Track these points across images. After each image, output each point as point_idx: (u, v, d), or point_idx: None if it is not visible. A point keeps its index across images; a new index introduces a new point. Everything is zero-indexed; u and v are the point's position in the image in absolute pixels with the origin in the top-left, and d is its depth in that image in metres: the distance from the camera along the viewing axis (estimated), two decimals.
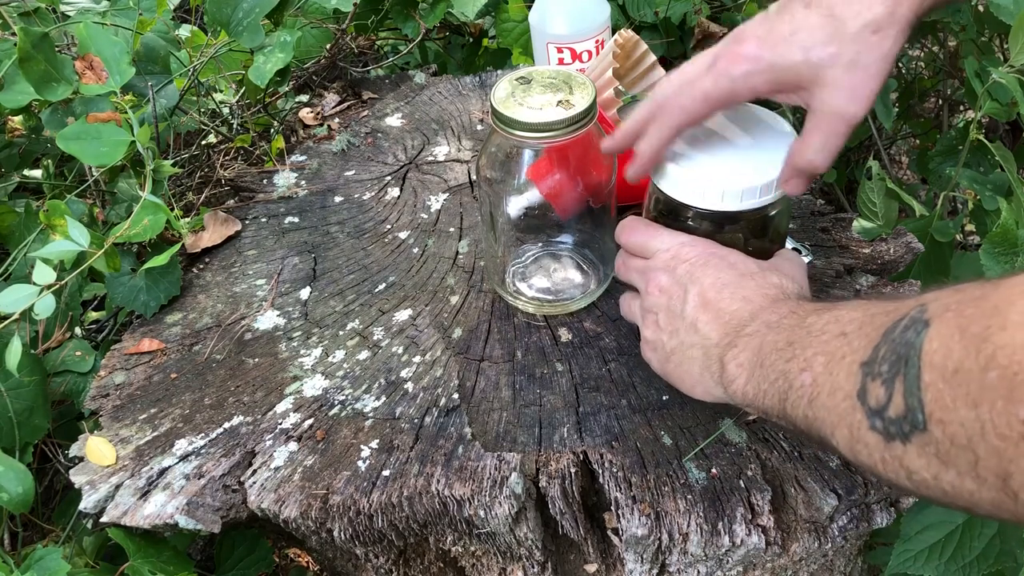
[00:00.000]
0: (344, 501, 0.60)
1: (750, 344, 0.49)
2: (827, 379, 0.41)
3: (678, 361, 0.56)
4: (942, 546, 0.67)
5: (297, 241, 0.87)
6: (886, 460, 0.37)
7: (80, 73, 0.83)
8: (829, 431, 0.41)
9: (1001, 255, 0.80)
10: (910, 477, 0.36)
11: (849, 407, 0.39)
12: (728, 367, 0.51)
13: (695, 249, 0.57)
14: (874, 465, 0.38)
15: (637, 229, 0.61)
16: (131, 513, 0.62)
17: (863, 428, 0.38)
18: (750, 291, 0.53)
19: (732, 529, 0.58)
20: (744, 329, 0.51)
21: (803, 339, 0.44)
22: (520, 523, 0.60)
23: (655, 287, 0.58)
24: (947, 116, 1.49)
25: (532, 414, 0.66)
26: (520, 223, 0.74)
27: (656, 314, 0.58)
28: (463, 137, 1.01)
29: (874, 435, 0.37)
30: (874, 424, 0.37)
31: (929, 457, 0.34)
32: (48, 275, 0.70)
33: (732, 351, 0.51)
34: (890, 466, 0.37)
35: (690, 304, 0.55)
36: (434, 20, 1.18)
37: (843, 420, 0.39)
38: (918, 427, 0.34)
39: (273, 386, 0.71)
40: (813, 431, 0.43)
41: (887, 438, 0.36)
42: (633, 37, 0.82)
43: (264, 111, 1.11)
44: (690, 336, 0.54)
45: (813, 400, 0.42)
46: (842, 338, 0.41)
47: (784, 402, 0.45)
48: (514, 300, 0.75)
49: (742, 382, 0.49)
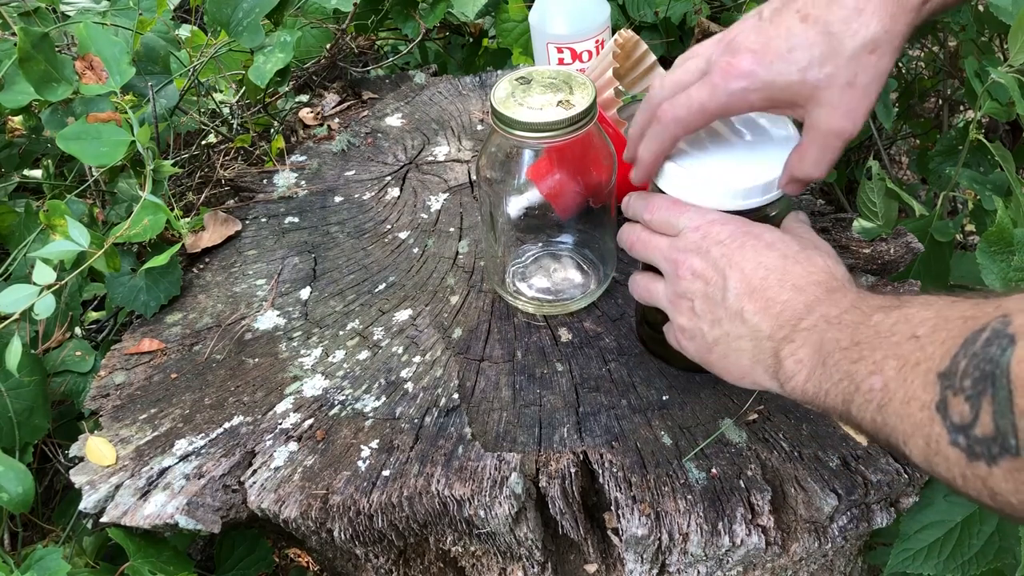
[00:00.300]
0: (344, 501, 0.60)
1: (809, 340, 0.47)
2: (900, 386, 0.39)
3: (723, 352, 0.54)
4: (941, 544, 0.67)
5: (297, 241, 0.87)
6: (967, 477, 0.36)
7: (80, 73, 0.83)
8: (901, 439, 0.40)
9: (997, 254, 0.80)
10: (993, 497, 0.35)
11: (926, 418, 0.37)
12: (785, 363, 0.48)
13: (727, 228, 0.54)
14: (952, 479, 0.37)
15: (660, 204, 0.58)
16: (131, 513, 0.62)
17: (942, 442, 0.37)
18: (798, 277, 0.51)
19: (732, 529, 0.58)
20: (801, 323, 0.48)
21: (871, 339, 0.43)
22: (520, 523, 0.60)
23: (687, 270, 0.55)
24: (947, 116, 1.49)
25: (532, 414, 0.66)
26: (520, 223, 0.74)
27: (691, 300, 0.55)
28: (463, 137, 1.01)
29: (955, 451, 0.36)
30: (956, 440, 0.36)
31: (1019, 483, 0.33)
32: (48, 275, 0.70)
33: (789, 346, 0.48)
34: (971, 483, 0.36)
35: (732, 291, 0.52)
36: (434, 20, 1.18)
37: (919, 431, 0.38)
38: (1009, 451, 0.33)
39: (273, 386, 0.71)
40: (881, 436, 0.42)
41: (971, 457, 0.35)
42: (633, 37, 0.82)
43: (264, 111, 1.11)
44: (736, 327, 0.52)
45: (884, 406, 0.41)
46: (914, 341, 0.40)
47: (849, 404, 0.43)
48: (514, 300, 0.75)
49: (801, 379, 0.47)
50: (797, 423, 0.64)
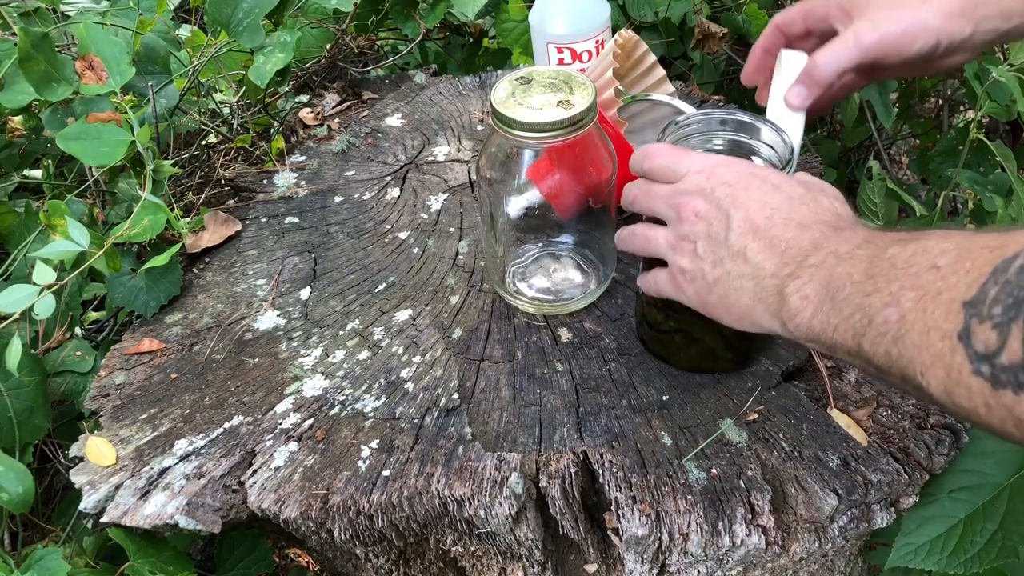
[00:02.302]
0: (344, 501, 0.60)
1: (816, 275, 0.46)
2: (919, 316, 0.38)
3: (723, 292, 0.52)
4: (943, 540, 0.66)
5: (297, 241, 0.87)
6: (991, 407, 0.35)
7: (80, 73, 0.83)
8: (918, 370, 0.39)
9: None
10: (1020, 426, 0.34)
11: (947, 348, 0.36)
12: (790, 299, 0.47)
13: (732, 169, 0.53)
14: (975, 408, 0.36)
15: (662, 151, 0.57)
16: (131, 513, 0.62)
17: (964, 372, 0.36)
18: (804, 216, 0.50)
19: (732, 529, 0.58)
20: (807, 259, 0.47)
21: (886, 272, 0.41)
22: (520, 523, 0.60)
23: (690, 212, 0.53)
24: (947, 116, 1.49)
25: (532, 414, 0.66)
26: (520, 223, 0.74)
27: (694, 242, 0.53)
28: (463, 137, 1.01)
29: (979, 380, 0.35)
30: (979, 369, 0.35)
31: None
32: (48, 275, 0.70)
33: (795, 282, 0.47)
34: (995, 413, 0.35)
35: (736, 231, 0.51)
36: (434, 20, 1.18)
37: (939, 361, 0.37)
38: None
39: (273, 386, 0.71)
40: (895, 370, 0.41)
41: (996, 385, 0.34)
42: (633, 37, 0.82)
43: (264, 111, 1.11)
44: (738, 265, 0.51)
45: (900, 338, 0.39)
46: (934, 271, 0.38)
47: (861, 338, 0.42)
48: (514, 300, 0.75)
49: (807, 315, 0.46)
50: (797, 423, 0.64)
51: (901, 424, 0.63)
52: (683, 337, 0.64)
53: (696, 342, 0.64)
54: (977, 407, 0.36)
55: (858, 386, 0.67)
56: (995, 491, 0.67)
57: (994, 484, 0.67)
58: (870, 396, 0.66)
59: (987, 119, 1.23)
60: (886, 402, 0.65)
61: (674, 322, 0.63)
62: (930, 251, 0.40)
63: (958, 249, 0.38)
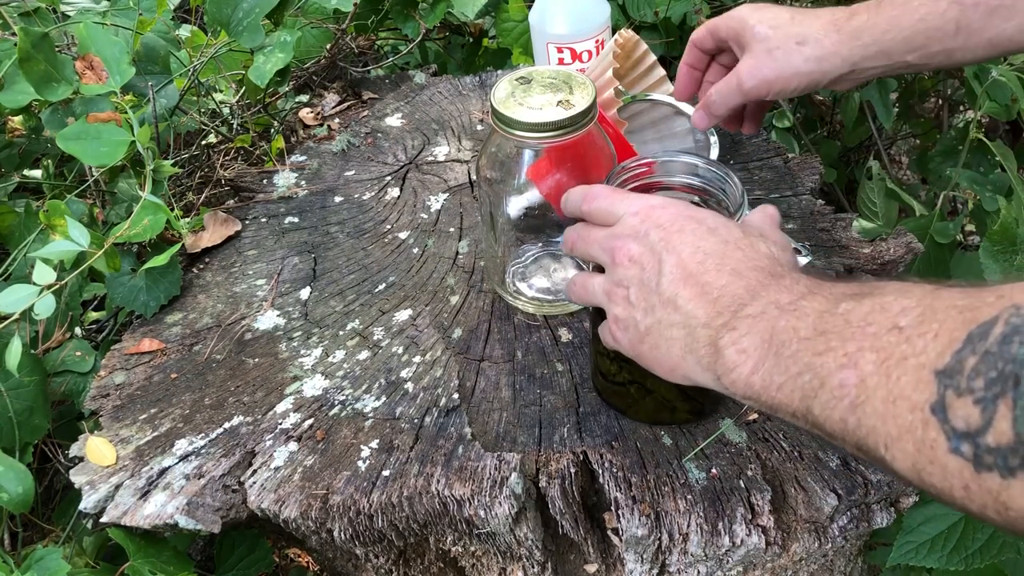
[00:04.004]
0: (344, 501, 0.60)
1: (755, 327, 0.43)
2: (882, 382, 0.35)
3: (654, 342, 0.49)
4: (944, 538, 0.66)
5: (297, 241, 0.87)
6: (971, 489, 0.32)
7: (80, 73, 0.83)
8: (881, 443, 0.36)
9: (1001, 253, 0.80)
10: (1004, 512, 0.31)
11: (918, 421, 0.33)
12: (726, 352, 0.44)
13: (668, 211, 0.51)
14: (949, 489, 0.33)
15: (598, 192, 0.55)
16: (131, 513, 0.62)
17: (939, 449, 0.33)
18: (738, 262, 0.47)
19: (732, 529, 0.58)
20: (744, 309, 0.44)
21: (840, 329, 0.38)
22: (520, 523, 0.60)
23: (624, 256, 0.51)
24: (947, 116, 1.49)
25: (532, 414, 0.66)
26: (520, 223, 0.74)
27: (627, 288, 0.51)
28: (463, 137, 1.01)
29: (957, 460, 0.32)
30: (958, 448, 0.32)
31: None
32: (48, 275, 0.70)
33: (730, 334, 0.44)
34: (976, 496, 0.32)
35: (667, 276, 0.48)
36: (434, 20, 1.18)
37: (908, 434, 0.34)
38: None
39: (273, 386, 0.71)
40: (851, 438, 0.37)
41: (979, 467, 0.31)
42: (633, 37, 0.82)
43: (264, 111, 1.11)
44: (669, 314, 0.48)
45: (859, 405, 0.36)
46: (897, 332, 0.35)
47: (811, 400, 0.39)
48: (514, 300, 0.75)
49: (746, 371, 0.43)
50: None
51: None
52: (637, 389, 0.62)
53: (651, 394, 0.61)
54: (952, 488, 0.33)
55: None
56: None
57: None
58: None
59: (987, 119, 1.23)
60: None
61: (627, 373, 0.61)
62: (889, 308, 0.37)
63: (921, 307, 0.36)
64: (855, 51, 0.64)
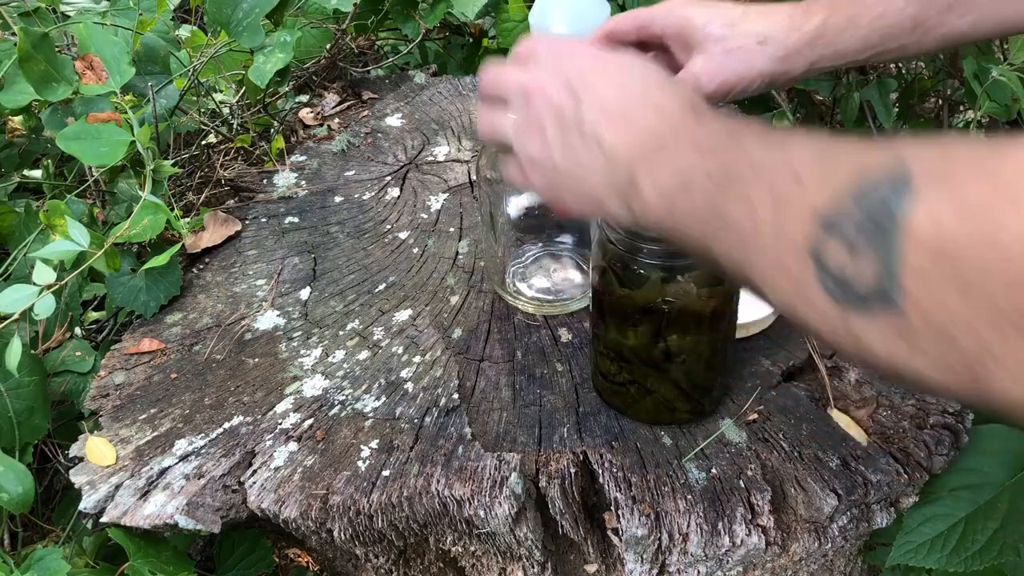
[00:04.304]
0: (344, 501, 0.60)
1: (673, 164, 0.43)
2: (771, 224, 0.37)
3: (573, 183, 0.49)
4: (944, 539, 0.66)
5: (297, 241, 0.87)
6: (835, 328, 0.34)
7: (80, 73, 0.83)
8: (764, 280, 0.38)
9: None
10: (858, 348, 0.33)
11: (796, 261, 0.35)
12: (642, 186, 0.44)
13: (584, 49, 0.50)
14: (814, 324, 0.35)
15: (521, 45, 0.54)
16: (131, 513, 0.62)
17: (811, 288, 0.34)
18: (659, 100, 0.46)
19: (732, 529, 0.58)
20: (665, 146, 0.44)
21: (745, 173, 0.39)
22: (520, 523, 0.60)
23: (538, 94, 0.49)
24: (947, 116, 1.48)
25: (532, 414, 0.66)
26: (520, 223, 0.74)
27: (543, 127, 0.49)
28: (463, 137, 1.01)
29: (825, 298, 0.34)
30: (827, 287, 0.34)
31: (894, 339, 0.31)
32: (48, 275, 0.70)
33: (649, 171, 0.44)
34: (839, 333, 0.34)
35: (588, 114, 0.47)
36: (434, 20, 1.18)
37: (785, 273, 0.36)
38: (890, 308, 0.31)
39: (273, 386, 0.71)
40: (741, 275, 0.40)
41: (842, 307, 0.33)
42: None
43: (264, 111, 1.11)
44: (590, 153, 0.47)
45: (749, 245, 0.38)
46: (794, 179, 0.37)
47: (710, 239, 0.41)
48: (514, 300, 0.75)
49: (657, 207, 0.44)
50: (797, 423, 0.64)
51: (901, 424, 0.63)
52: (637, 389, 0.62)
53: (651, 394, 0.62)
54: (818, 324, 0.35)
55: (858, 386, 0.67)
56: (997, 490, 0.67)
57: (996, 483, 0.67)
58: (870, 396, 0.66)
59: (987, 119, 1.23)
60: (886, 402, 0.65)
61: (628, 373, 0.62)
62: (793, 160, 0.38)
63: (821, 158, 0.37)
64: (816, 51, 0.62)
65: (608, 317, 0.60)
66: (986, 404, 0.30)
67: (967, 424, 0.64)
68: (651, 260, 0.55)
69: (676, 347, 0.58)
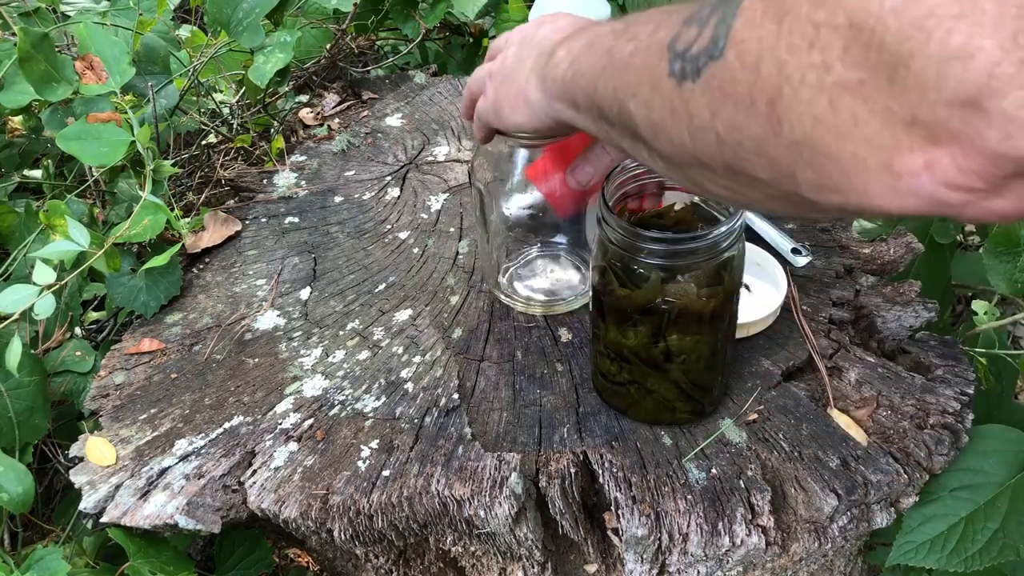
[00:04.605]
0: (344, 501, 0.60)
1: (586, 37, 0.48)
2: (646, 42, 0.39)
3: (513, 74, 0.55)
4: (944, 539, 0.66)
5: (297, 241, 0.87)
6: (675, 109, 0.36)
7: (80, 73, 0.83)
8: (632, 95, 0.39)
9: (1003, 255, 0.80)
10: (690, 124, 0.35)
11: (657, 58, 0.37)
12: (558, 54, 0.49)
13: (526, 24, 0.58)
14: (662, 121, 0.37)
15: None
16: (131, 513, 0.62)
17: (662, 76, 0.36)
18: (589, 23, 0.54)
19: (732, 529, 0.58)
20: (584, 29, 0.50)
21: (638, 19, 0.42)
22: (520, 523, 0.60)
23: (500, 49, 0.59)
24: None
25: (532, 414, 0.66)
26: (516, 224, 0.74)
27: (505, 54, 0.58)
28: (463, 137, 1.01)
29: (670, 81, 0.36)
30: (673, 69, 0.35)
31: (712, 91, 0.33)
32: (48, 275, 0.70)
33: (568, 42, 0.50)
34: (679, 116, 0.36)
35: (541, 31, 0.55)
36: (434, 20, 1.18)
37: (647, 75, 0.38)
38: (714, 56, 0.33)
39: (273, 386, 0.71)
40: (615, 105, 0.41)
41: (680, 80, 0.35)
42: None
43: (264, 111, 1.11)
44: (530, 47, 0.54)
45: (627, 66, 0.40)
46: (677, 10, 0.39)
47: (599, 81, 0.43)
48: (511, 302, 0.75)
49: (564, 68, 0.48)
50: (797, 423, 0.64)
51: (901, 424, 0.63)
52: (637, 389, 0.62)
53: (651, 394, 0.62)
54: (666, 117, 0.37)
55: (858, 386, 0.67)
56: (997, 490, 0.67)
57: (996, 483, 0.67)
58: (870, 396, 0.66)
59: None
60: (886, 402, 0.65)
61: (628, 373, 0.62)
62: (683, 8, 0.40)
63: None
64: None
65: (608, 317, 0.60)
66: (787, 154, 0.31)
67: (967, 424, 0.64)
68: (651, 260, 0.55)
69: (676, 347, 0.58)
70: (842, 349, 0.69)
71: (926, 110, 0.26)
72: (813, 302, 0.73)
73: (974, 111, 0.25)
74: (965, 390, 0.66)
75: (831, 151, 0.29)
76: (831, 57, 0.28)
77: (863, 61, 0.27)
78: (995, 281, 0.80)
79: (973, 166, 0.26)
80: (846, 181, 0.30)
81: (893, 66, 0.27)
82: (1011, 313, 0.88)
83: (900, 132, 0.27)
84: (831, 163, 0.30)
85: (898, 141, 0.28)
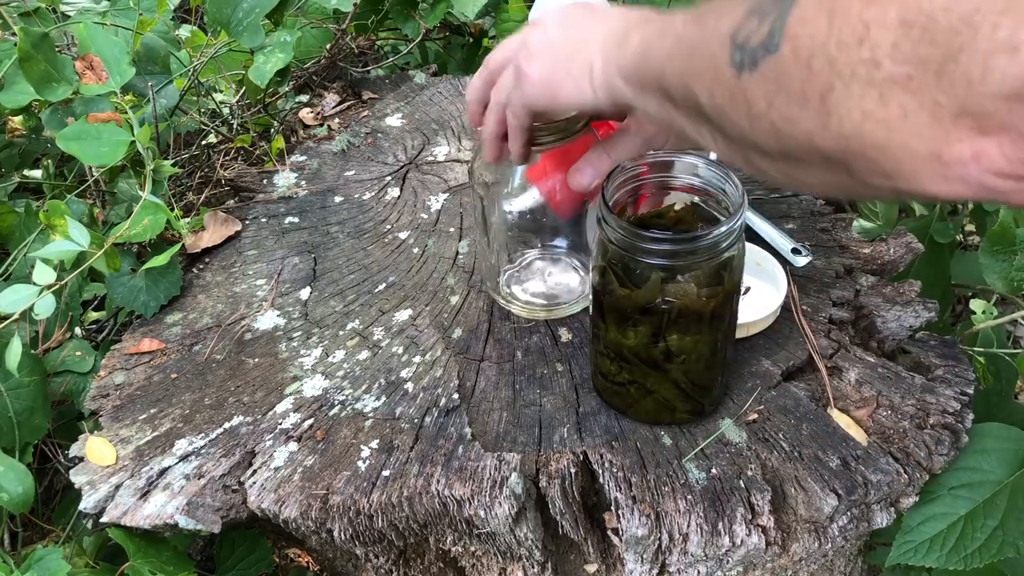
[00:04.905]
0: (344, 501, 0.60)
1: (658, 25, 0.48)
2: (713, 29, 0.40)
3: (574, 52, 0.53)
4: (944, 537, 0.66)
5: (297, 241, 0.87)
6: (735, 96, 0.37)
7: (80, 73, 0.83)
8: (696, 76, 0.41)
9: (1000, 253, 0.80)
10: (748, 112, 0.36)
11: (719, 47, 0.38)
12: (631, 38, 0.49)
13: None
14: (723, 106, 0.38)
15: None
16: (131, 513, 0.62)
17: (724, 65, 0.37)
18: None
19: (732, 529, 0.58)
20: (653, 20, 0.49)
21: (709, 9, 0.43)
22: (520, 523, 0.60)
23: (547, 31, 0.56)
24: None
25: (532, 414, 0.66)
26: (515, 226, 0.74)
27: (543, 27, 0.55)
28: (463, 137, 1.01)
29: (731, 70, 0.37)
30: (733, 58, 0.36)
31: (768, 84, 0.34)
32: (48, 275, 0.70)
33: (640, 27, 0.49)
34: (738, 103, 0.37)
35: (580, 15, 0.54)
36: (434, 20, 1.18)
37: (711, 62, 0.39)
38: (770, 50, 0.34)
39: (273, 386, 0.71)
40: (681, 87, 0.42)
41: (739, 70, 0.36)
42: None
43: (264, 111, 1.11)
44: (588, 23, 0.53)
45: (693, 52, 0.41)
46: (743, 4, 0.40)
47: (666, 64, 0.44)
48: (509, 304, 0.75)
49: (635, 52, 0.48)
50: (797, 423, 0.64)
51: (901, 424, 0.63)
52: (637, 389, 0.62)
53: (651, 394, 0.62)
54: (726, 103, 0.38)
55: (858, 386, 0.67)
56: (996, 488, 0.67)
57: (995, 481, 0.67)
58: (870, 396, 0.66)
59: None
60: (886, 402, 0.65)
61: (628, 374, 0.62)
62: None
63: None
64: None
65: (608, 317, 0.60)
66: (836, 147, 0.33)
67: (967, 424, 0.64)
68: (651, 260, 0.55)
69: (676, 347, 0.58)
70: (842, 349, 0.69)
71: (974, 102, 0.28)
72: (813, 302, 0.73)
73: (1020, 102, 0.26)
74: (965, 390, 0.66)
75: (880, 142, 0.31)
76: (880, 54, 0.29)
77: (912, 56, 0.29)
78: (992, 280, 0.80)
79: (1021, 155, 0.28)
80: (896, 169, 0.31)
81: (942, 61, 0.28)
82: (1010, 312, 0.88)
83: (948, 124, 0.29)
84: (881, 154, 0.31)
85: (947, 132, 0.29)
